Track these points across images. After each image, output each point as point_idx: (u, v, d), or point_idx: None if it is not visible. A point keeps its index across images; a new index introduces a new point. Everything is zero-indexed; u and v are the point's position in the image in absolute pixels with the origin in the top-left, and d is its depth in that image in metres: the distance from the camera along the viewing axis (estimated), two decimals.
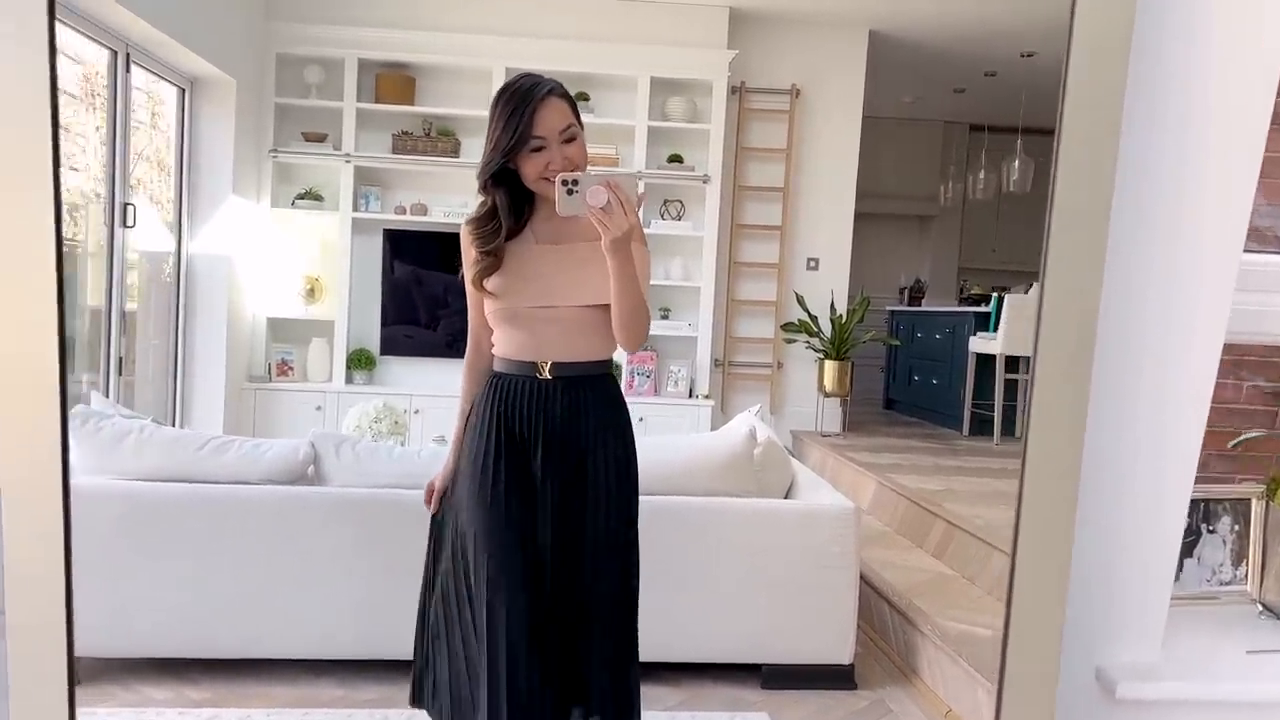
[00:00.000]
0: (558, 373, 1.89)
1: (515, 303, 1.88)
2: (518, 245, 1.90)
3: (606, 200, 1.65)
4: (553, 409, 1.89)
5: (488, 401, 1.93)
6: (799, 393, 6.57)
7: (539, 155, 1.80)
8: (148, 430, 2.95)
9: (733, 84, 6.25)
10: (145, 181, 5.37)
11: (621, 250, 1.73)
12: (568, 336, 1.89)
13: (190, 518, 2.85)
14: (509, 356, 1.92)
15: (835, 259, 6.52)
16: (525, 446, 1.90)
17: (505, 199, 1.87)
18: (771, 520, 2.99)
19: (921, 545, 4.09)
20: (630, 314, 1.83)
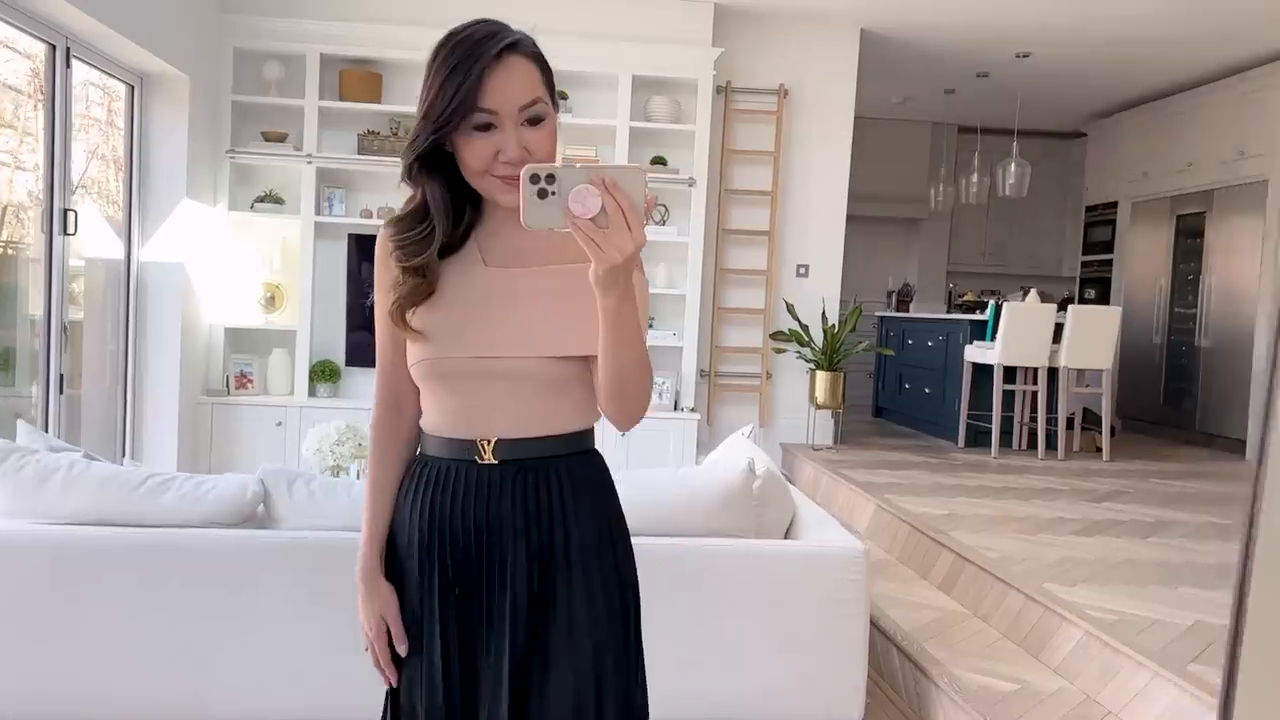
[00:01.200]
0: (506, 454, 1.31)
1: (449, 350, 1.30)
2: (457, 266, 1.33)
3: (600, 207, 1.07)
4: (500, 508, 1.31)
5: (408, 501, 1.38)
6: (789, 404, 6.30)
7: (486, 138, 1.24)
8: (77, 467, 2.64)
9: (718, 83, 5.97)
10: (100, 182, 5.03)
11: (619, 284, 1.12)
12: (523, 402, 1.31)
13: (124, 566, 2.55)
14: (438, 432, 1.35)
15: (826, 265, 6.25)
16: (465, 573, 1.34)
17: (440, 195, 1.32)
18: (773, 563, 2.71)
19: (926, 577, 3.83)
20: (627, 376, 1.23)
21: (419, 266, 1.31)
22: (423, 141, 1.26)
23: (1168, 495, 4.94)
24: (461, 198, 1.33)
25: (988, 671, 2.87)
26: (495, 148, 1.24)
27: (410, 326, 1.32)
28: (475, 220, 1.36)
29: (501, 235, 1.35)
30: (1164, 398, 7.46)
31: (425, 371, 1.33)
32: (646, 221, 1.10)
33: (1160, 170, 7.63)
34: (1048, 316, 5.93)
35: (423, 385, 1.36)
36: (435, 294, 1.32)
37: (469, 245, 1.35)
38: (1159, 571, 3.45)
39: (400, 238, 1.33)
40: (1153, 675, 2.54)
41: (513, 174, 1.21)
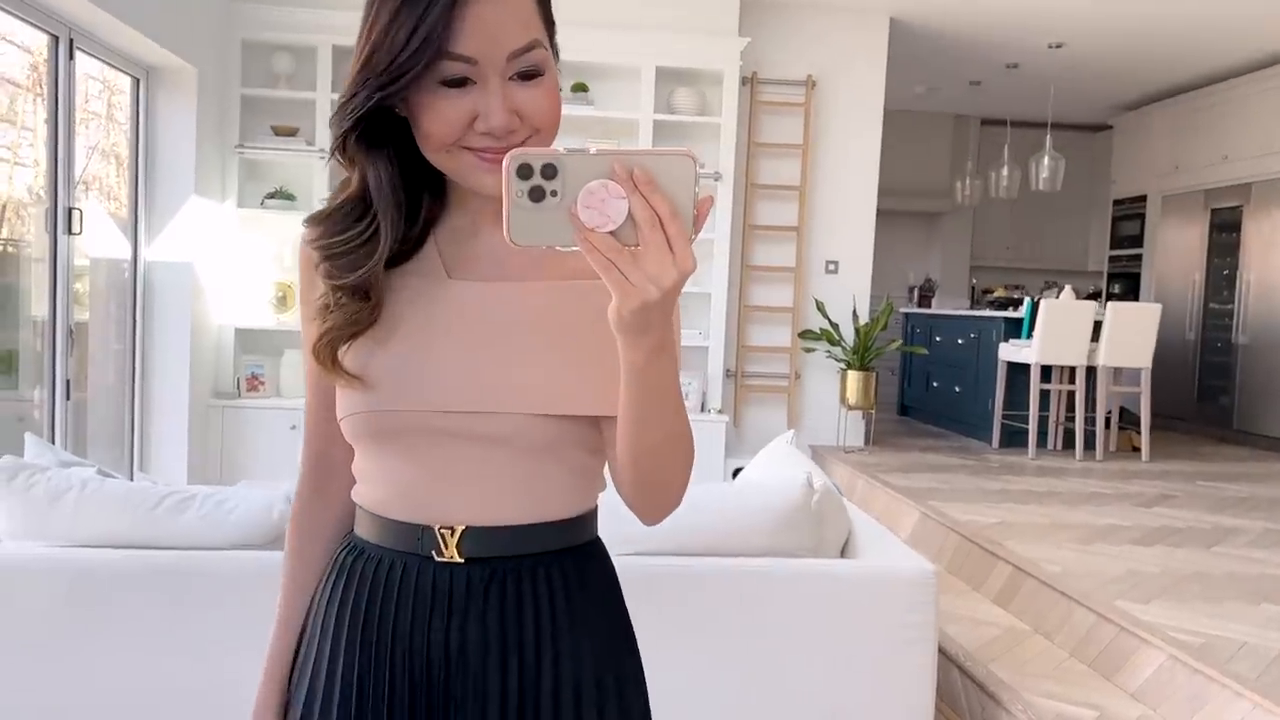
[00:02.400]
0: (476, 549, 0.92)
1: (398, 400, 0.91)
2: (410, 280, 0.94)
3: (626, 215, 0.71)
4: (465, 630, 0.92)
5: (332, 604, 0.97)
6: (818, 405, 6.11)
7: (458, 97, 0.85)
8: (90, 485, 2.46)
9: (744, 74, 5.77)
10: (101, 178, 4.84)
11: (653, 331, 0.76)
12: (504, 475, 0.92)
13: (145, 591, 2.38)
14: (378, 511, 0.95)
15: (856, 261, 6.06)
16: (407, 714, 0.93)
17: (388, 179, 0.91)
18: (836, 585, 2.53)
19: (979, 589, 3.64)
20: (660, 459, 0.87)
21: (354, 282, 0.90)
22: (361, 103, 0.85)
23: (1219, 499, 4.75)
24: (416, 183, 0.93)
25: (1061, 696, 2.69)
26: (472, 111, 0.85)
27: (343, 369, 0.91)
28: (435, 215, 0.96)
29: (473, 237, 0.95)
30: (1199, 395, 7.27)
31: (362, 429, 0.93)
32: (696, 235, 0.72)
33: (1192, 163, 7.43)
34: (1087, 314, 5.74)
35: (358, 446, 0.96)
36: (381, 321, 0.92)
37: (426, 250, 0.94)
38: (1234, 586, 3.26)
39: (329, 242, 0.92)
40: (1253, 706, 2.35)
41: (497, 148, 0.85)
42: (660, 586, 2.46)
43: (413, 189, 0.93)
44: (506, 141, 0.86)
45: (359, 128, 0.89)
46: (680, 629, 2.46)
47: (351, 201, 0.93)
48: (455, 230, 0.96)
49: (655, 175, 0.71)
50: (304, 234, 0.96)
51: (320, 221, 0.94)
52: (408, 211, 0.93)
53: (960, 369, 6.83)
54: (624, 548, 2.47)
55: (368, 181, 0.92)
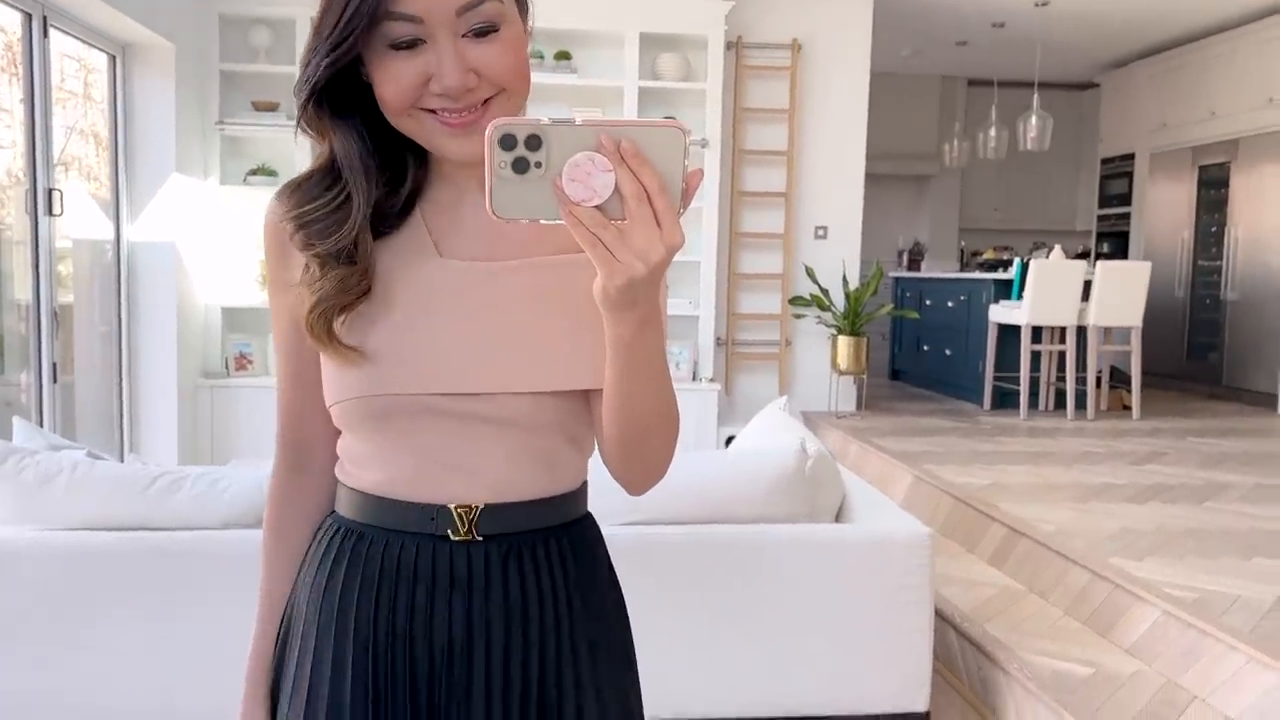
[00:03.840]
0: (493, 527, 0.91)
1: (396, 384, 0.88)
2: (399, 258, 0.91)
3: (613, 188, 0.70)
4: (485, 610, 0.90)
5: (328, 591, 0.93)
6: (809, 371, 6.10)
7: (409, 58, 0.83)
8: (81, 468, 2.44)
9: (729, 39, 5.71)
10: (81, 158, 4.78)
11: (640, 305, 0.75)
12: (516, 454, 0.91)
13: (139, 573, 2.37)
14: (381, 492, 0.92)
15: (845, 227, 6.03)
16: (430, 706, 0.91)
17: (354, 147, 0.89)
18: (832, 549, 2.54)
19: (974, 551, 3.66)
20: (646, 431, 0.87)
21: (341, 250, 0.87)
22: (314, 71, 0.84)
23: (1210, 455, 4.77)
24: (395, 151, 0.91)
25: (1056, 654, 2.71)
26: (424, 72, 0.82)
27: (340, 343, 0.87)
28: (419, 186, 0.93)
29: (459, 210, 0.92)
30: (1188, 352, 7.29)
31: (362, 413, 0.89)
32: (685, 209, 0.71)
33: (1180, 120, 7.41)
34: (1077, 274, 5.73)
35: (354, 430, 0.92)
36: (372, 295, 0.89)
37: (413, 225, 0.91)
38: (1227, 541, 3.28)
39: (301, 211, 0.89)
40: (1247, 660, 2.37)
41: (455, 108, 0.83)
42: (658, 555, 2.47)
43: (392, 157, 0.91)
44: (465, 102, 0.83)
45: (317, 96, 0.86)
46: (678, 597, 2.47)
47: (321, 172, 0.91)
48: (440, 203, 0.93)
49: (643, 148, 0.69)
50: (271, 208, 0.93)
51: (290, 193, 0.92)
52: (390, 179, 0.90)
53: (951, 332, 6.83)
54: (621, 518, 2.48)
55: (334, 148, 0.90)
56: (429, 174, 0.93)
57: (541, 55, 5.45)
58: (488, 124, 0.80)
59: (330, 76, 0.84)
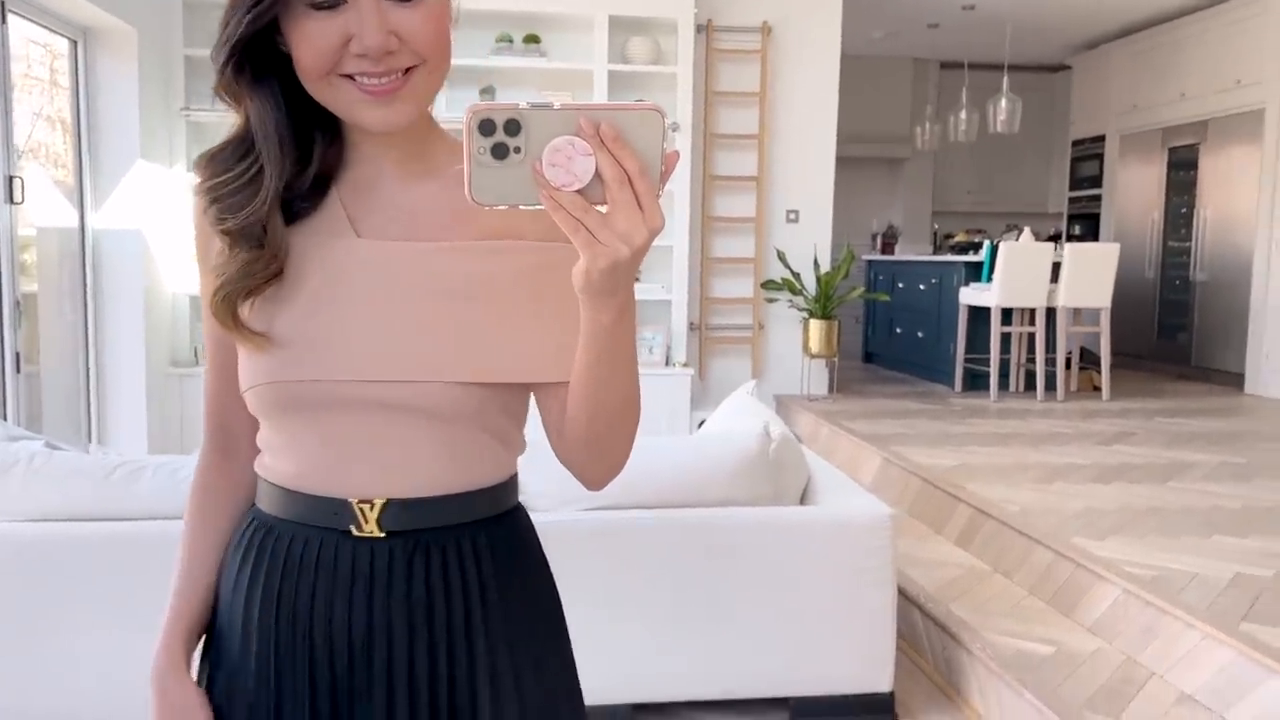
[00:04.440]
0: (397, 523, 0.88)
1: (308, 369, 0.86)
2: (312, 238, 0.88)
3: (593, 173, 0.68)
4: (388, 607, 0.88)
5: (240, 585, 0.92)
6: (782, 354, 6.12)
7: (328, 19, 0.79)
8: (39, 459, 2.42)
9: (699, 22, 5.69)
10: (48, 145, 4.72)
11: (620, 291, 0.74)
12: (425, 446, 0.88)
13: (100, 564, 2.35)
14: (288, 484, 0.90)
15: (816, 210, 6.04)
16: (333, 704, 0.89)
17: (270, 114, 0.85)
18: (795, 532, 2.55)
19: (941, 531, 3.69)
20: (614, 420, 0.85)
21: (250, 229, 0.84)
22: (232, 31, 0.80)
23: (1176, 435, 4.83)
24: (307, 125, 0.87)
25: (1019, 633, 2.74)
26: (345, 33, 0.79)
27: (247, 327, 0.85)
28: (334, 165, 0.89)
29: (378, 189, 0.89)
30: (1158, 333, 7.36)
31: (268, 400, 0.87)
32: (662, 191, 0.70)
33: (1150, 102, 7.45)
34: (1045, 256, 5.77)
35: (265, 417, 0.90)
36: (283, 278, 0.86)
37: (330, 206, 0.88)
38: (1187, 519, 3.32)
39: (213, 184, 0.86)
40: (1203, 636, 2.40)
41: (375, 73, 0.80)
42: (623, 539, 2.47)
43: (303, 131, 0.87)
44: (385, 66, 0.80)
45: (235, 60, 0.83)
46: (643, 580, 2.47)
47: (236, 141, 0.87)
48: (357, 182, 0.90)
49: (623, 131, 0.68)
50: (195, 174, 0.89)
51: (206, 164, 0.88)
52: (301, 157, 0.87)
53: (923, 314, 6.86)
54: (586, 503, 2.48)
55: (250, 118, 0.86)
56: (345, 154, 0.90)
57: (510, 39, 5.42)
58: (409, 96, 0.81)
59: (249, 37, 0.81)
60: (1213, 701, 2.30)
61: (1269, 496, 3.62)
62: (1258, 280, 6.31)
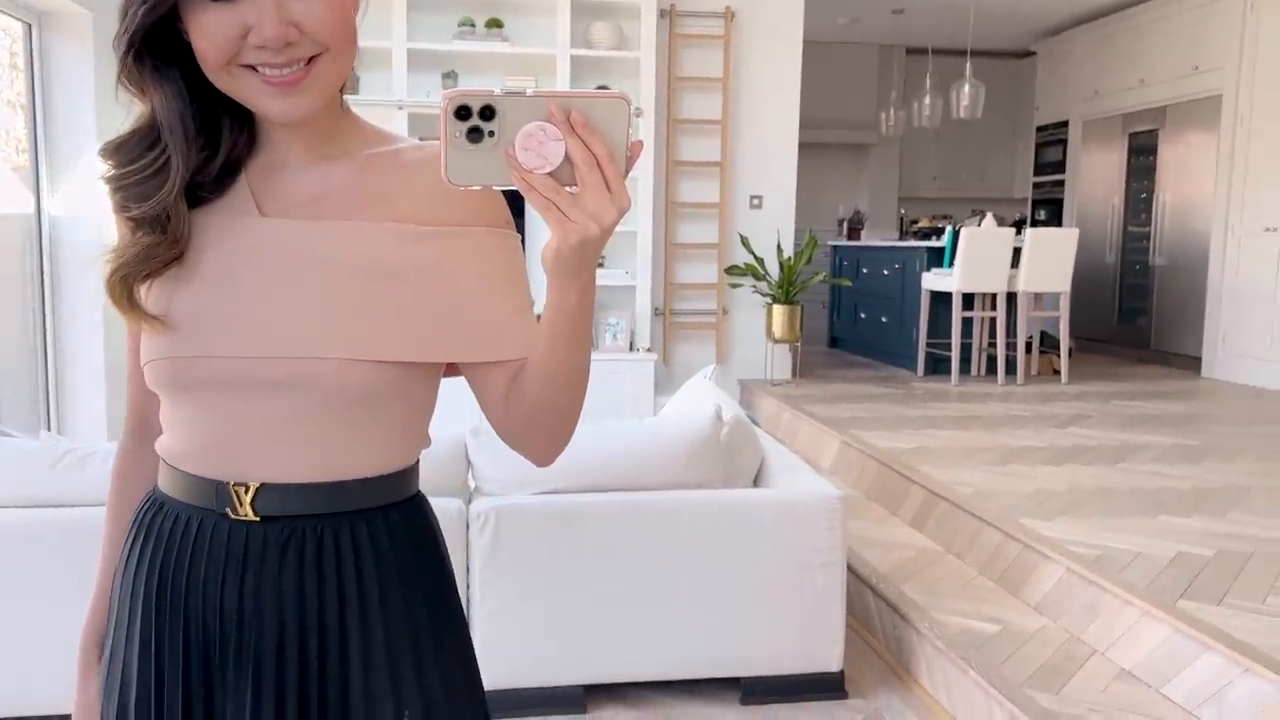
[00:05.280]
0: (272, 508, 0.88)
1: (198, 345, 0.86)
2: (217, 217, 0.88)
3: (563, 156, 0.72)
4: (260, 593, 0.88)
5: (131, 559, 0.93)
6: (746, 339, 6.16)
7: (227, 9, 0.79)
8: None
9: (662, 7, 5.70)
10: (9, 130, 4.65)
11: (587, 269, 0.78)
12: (310, 428, 0.87)
13: (48, 550, 2.35)
14: (176, 464, 0.91)
15: (779, 196, 6.06)
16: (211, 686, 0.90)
17: (174, 105, 0.85)
18: (745, 514, 2.58)
19: (897, 514, 3.73)
20: (570, 393, 0.88)
21: (155, 215, 0.85)
22: (133, 20, 0.80)
23: (1131, 417, 4.90)
24: (213, 113, 0.87)
25: (967, 613, 2.79)
26: (243, 25, 0.79)
27: (142, 309, 0.86)
28: (242, 150, 0.89)
29: (284, 172, 0.90)
30: (1118, 317, 7.45)
31: (161, 376, 0.87)
32: (629, 172, 0.74)
33: (1111, 88, 7.52)
34: (1006, 241, 5.83)
35: (162, 396, 0.90)
36: (184, 259, 0.86)
37: (237, 186, 0.89)
38: (1134, 500, 3.38)
39: (119, 174, 0.87)
40: (1141, 614, 2.45)
41: (276, 64, 0.81)
42: (574, 523, 2.49)
43: (210, 119, 0.87)
44: (286, 56, 0.80)
45: (137, 49, 0.83)
46: (595, 563, 2.49)
47: (144, 130, 0.87)
48: (266, 166, 0.90)
49: (591, 118, 0.71)
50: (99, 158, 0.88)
51: (111, 153, 0.87)
52: (208, 144, 0.87)
53: (886, 300, 6.92)
54: (538, 487, 2.50)
55: (155, 108, 0.86)
56: (255, 139, 0.90)
57: (473, 23, 5.40)
58: (312, 85, 0.81)
59: (149, 27, 0.80)
60: (1150, 677, 2.36)
61: (1217, 478, 3.69)
62: (1214, 265, 6.40)
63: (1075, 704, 2.26)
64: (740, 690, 2.59)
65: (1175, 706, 2.24)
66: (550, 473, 2.49)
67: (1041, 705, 2.24)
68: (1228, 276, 6.30)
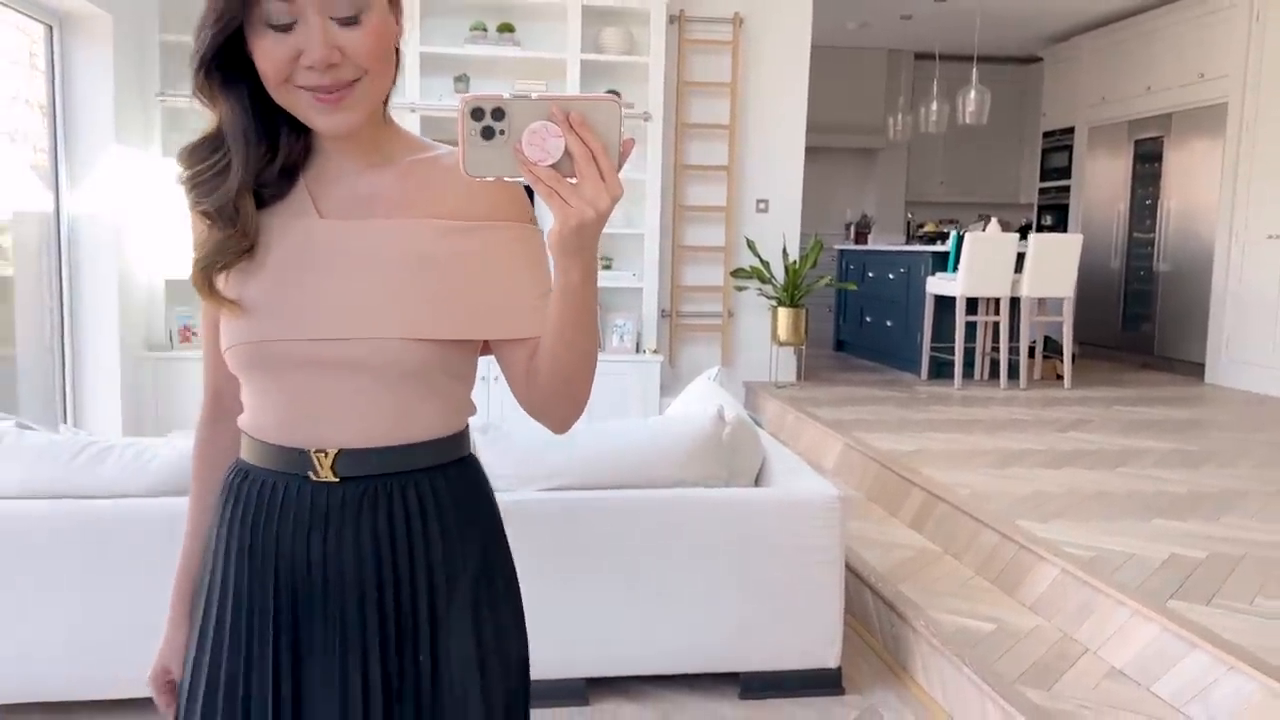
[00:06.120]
0: (349, 469, 1.01)
1: (271, 330, 0.99)
2: (281, 219, 1.02)
3: (563, 151, 0.84)
4: (340, 542, 1.01)
5: (223, 521, 1.05)
6: (751, 342, 6.21)
7: (283, 37, 0.92)
8: (8, 438, 2.49)
9: (671, 13, 5.76)
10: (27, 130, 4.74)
11: (587, 251, 0.90)
12: (375, 400, 1.01)
13: (67, 540, 2.42)
14: (260, 436, 1.04)
15: (786, 200, 6.12)
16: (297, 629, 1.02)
17: (238, 115, 0.99)
18: (746, 512, 2.64)
19: (897, 515, 3.79)
20: (579, 368, 1.00)
21: (223, 211, 0.98)
22: (204, 42, 0.94)
23: (1132, 422, 4.95)
24: (273, 124, 1.01)
25: (964, 612, 2.84)
26: (296, 49, 0.92)
27: (221, 295, 1.00)
28: (299, 156, 1.03)
29: (339, 177, 1.03)
30: (1123, 323, 7.49)
31: (241, 360, 1.02)
32: (622, 167, 0.86)
33: (1118, 94, 7.56)
34: (1009, 246, 5.87)
35: (240, 376, 1.04)
36: (254, 253, 1.00)
37: (298, 193, 1.02)
38: (1131, 503, 3.43)
39: (190, 173, 1.01)
40: (1132, 613, 2.51)
41: (325, 85, 0.93)
42: (578, 519, 2.55)
43: (271, 128, 1.00)
44: (331, 78, 0.93)
45: (207, 67, 0.96)
46: (598, 558, 2.55)
47: (212, 136, 1.01)
48: (322, 173, 1.04)
49: (587, 117, 0.83)
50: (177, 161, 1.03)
51: (185, 155, 1.02)
52: (270, 150, 1.00)
53: (891, 304, 6.97)
54: (544, 484, 2.56)
55: (222, 118, 1.00)
56: (312, 148, 1.04)
57: (485, 28, 5.47)
58: (355, 103, 0.96)
59: (218, 49, 0.94)
60: (1140, 675, 2.41)
61: (1214, 483, 3.74)
62: (1218, 272, 6.44)
63: (1066, 700, 2.32)
64: (739, 685, 2.64)
65: (1163, 703, 2.29)
66: (556, 469, 2.55)
67: (1033, 702, 2.30)
68: (1231, 283, 6.33)
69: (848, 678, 2.71)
